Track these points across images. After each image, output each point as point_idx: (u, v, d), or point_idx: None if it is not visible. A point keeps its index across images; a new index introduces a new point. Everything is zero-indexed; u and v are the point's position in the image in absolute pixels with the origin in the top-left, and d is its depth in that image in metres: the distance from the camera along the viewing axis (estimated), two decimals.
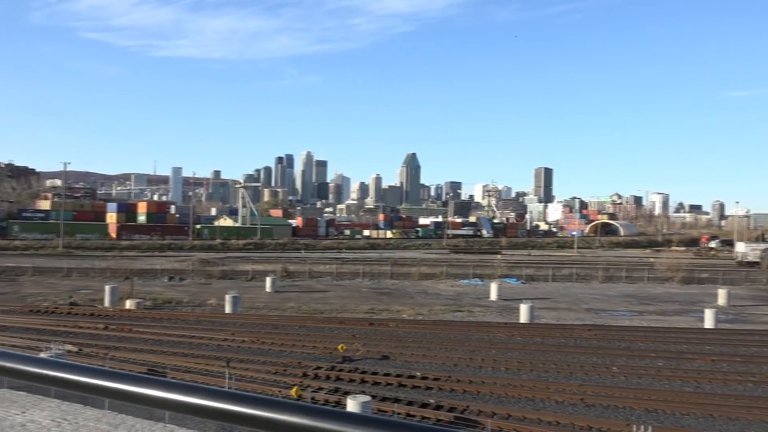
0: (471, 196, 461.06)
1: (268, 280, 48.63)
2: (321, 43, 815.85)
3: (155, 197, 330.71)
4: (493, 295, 45.71)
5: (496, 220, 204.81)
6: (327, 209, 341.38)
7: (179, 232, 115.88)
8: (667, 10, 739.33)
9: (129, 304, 37.13)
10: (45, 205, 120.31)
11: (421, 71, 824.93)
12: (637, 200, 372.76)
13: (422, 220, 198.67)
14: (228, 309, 36.28)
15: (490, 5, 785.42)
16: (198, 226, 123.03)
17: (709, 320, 34.92)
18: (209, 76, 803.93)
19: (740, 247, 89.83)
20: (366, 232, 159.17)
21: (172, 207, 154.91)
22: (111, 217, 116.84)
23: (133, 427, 2.98)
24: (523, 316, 35.16)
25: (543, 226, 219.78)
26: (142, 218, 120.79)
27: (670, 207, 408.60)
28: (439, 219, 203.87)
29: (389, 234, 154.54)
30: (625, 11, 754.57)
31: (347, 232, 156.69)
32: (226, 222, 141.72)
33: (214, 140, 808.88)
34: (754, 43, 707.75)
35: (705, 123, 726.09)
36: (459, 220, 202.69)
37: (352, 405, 15.16)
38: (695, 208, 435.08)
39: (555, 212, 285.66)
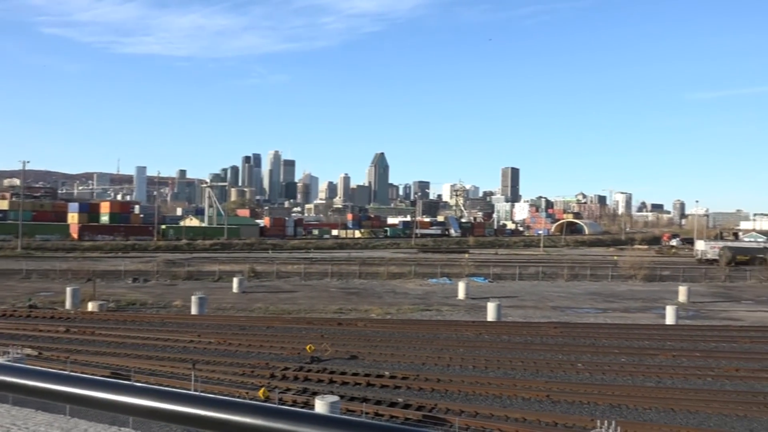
0: (439, 196, 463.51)
1: (235, 281, 48.07)
2: (289, 42, 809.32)
3: (119, 197, 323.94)
4: (461, 294, 46.01)
5: (463, 220, 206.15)
6: (295, 209, 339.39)
7: (144, 233, 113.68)
8: (631, 13, 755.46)
9: (91, 306, 36.27)
10: (3, 204, 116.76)
11: (390, 71, 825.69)
12: (602, 199, 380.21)
13: (390, 220, 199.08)
14: (194, 310, 35.75)
15: (459, 6, 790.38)
16: (163, 227, 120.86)
17: (670, 317, 35.78)
18: (174, 73, 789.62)
19: (700, 245, 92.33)
20: (334, 232, 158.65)
21: (137, 207, 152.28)
22: (72, 218, 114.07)
23: (86, 431, 2.88)
24: (491, 314, 35.47)
25: (510, 225, 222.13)
26: (105, 218, 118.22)
27: (633, 206, 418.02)
28: (408, 218, 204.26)
29: (358, 234, 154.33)
30: (591, 14, 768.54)
31: (315, 231, 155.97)
32: (192, 222, 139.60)
33: (179, 139, 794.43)
34: (715, 45, 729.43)
35: (667, 124, 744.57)
36: (427, 219, 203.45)
37: (320, 405, 15.07)
38: (657, 207, 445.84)
39: (522, 211, 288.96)
